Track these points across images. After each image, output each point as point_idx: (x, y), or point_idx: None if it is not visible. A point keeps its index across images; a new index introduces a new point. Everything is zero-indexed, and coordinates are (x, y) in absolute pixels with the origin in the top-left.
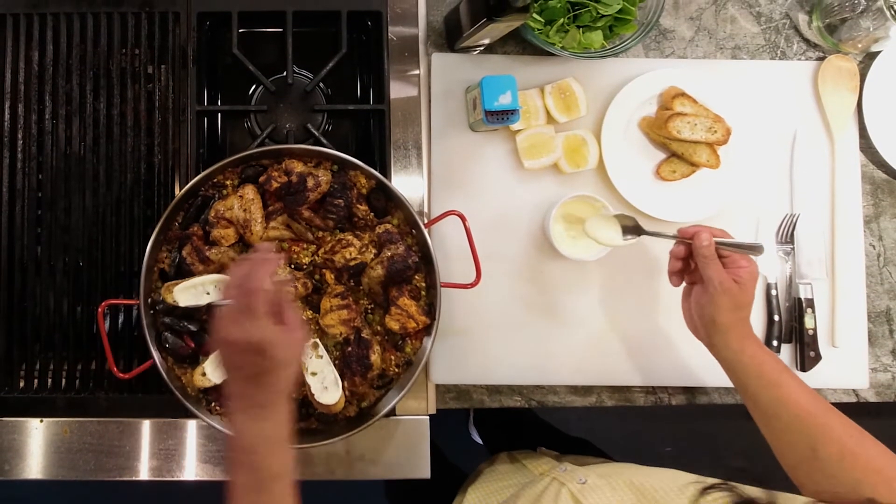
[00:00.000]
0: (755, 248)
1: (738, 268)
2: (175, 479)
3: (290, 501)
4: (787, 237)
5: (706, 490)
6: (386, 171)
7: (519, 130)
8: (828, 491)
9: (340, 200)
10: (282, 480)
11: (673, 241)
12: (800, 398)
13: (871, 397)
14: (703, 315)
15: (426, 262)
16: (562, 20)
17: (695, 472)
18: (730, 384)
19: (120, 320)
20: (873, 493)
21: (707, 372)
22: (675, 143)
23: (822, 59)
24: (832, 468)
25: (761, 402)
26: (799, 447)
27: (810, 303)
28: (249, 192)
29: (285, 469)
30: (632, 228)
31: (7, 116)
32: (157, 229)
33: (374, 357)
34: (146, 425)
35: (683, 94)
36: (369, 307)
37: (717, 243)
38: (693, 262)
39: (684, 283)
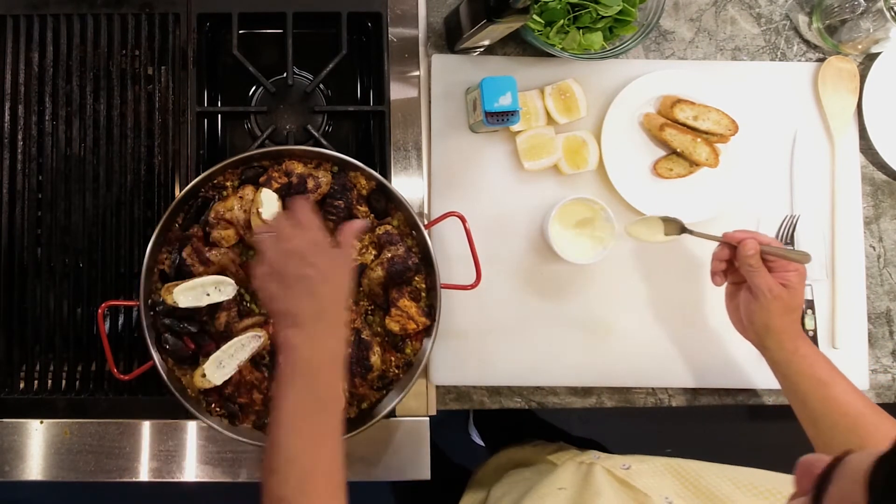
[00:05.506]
0: (802, 257)
1: (787, 271)
2: (175, 480)
3: (340, 425)
4: (788, 238)
5: None
6: (386, 173)
7: (519, 132)
8: None
9: (341, 202)
10: (338, 403)
11: (716, 243)
12: (849, 398)
13: (872, 398)
14: (753, 321)
15: (426, 263)
16: (562, 21)
17: None
18: (729, 385)
19: (120, 321)
20: None
21: (707, 373)
22: (677, 140)
23: (822, 60)
24: None
25: (810, 401)
26: (849, 446)
27: (810, 304)
28: (249, 192)
29: (340, 391)
30: (677, 228)
31: (7, 118)
32: (157, 230)
33: (374, 358)
34: (146, 426)
35: (681, 101)
36: (369, 308)
37: (763, 251)
38: (737, 262)
39: (726, 283)
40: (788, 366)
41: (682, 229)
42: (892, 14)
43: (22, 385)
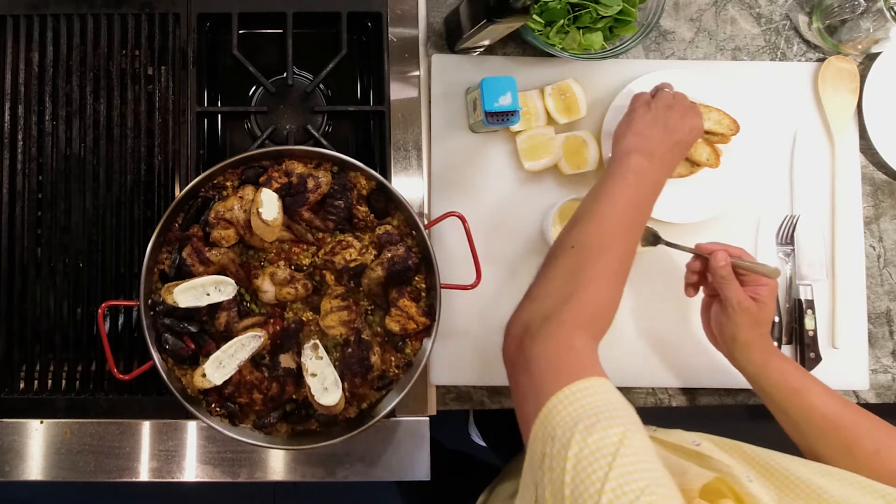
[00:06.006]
0: (771, 272)
1: (758, 285)
2: (175, 480)
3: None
4: (788, 238)
5: None
6: (386, 173)
7: (519, 132)
8: None
9: (341, 202)
10: (646, 215)
11: (690, 254)
12: (826, 402)
13: (872, 398)
14: (722, 332)
15: (426, 263)
16: (562, 21)
17: None
18: (729, 385)
19: (120, 321)
20: None
21: (707, 373)
22: None
23: (822, 60)
24: (871, 463)
25: (790, 411)
26: (834, 450)
27: (810, 304)
28: (249, 192)
29: (651, 207)
30: (651, 238)
31: (7, 118)
32: (157, 230)
33: (375, 358)
34: (146, 426)
35: None
36: (369, 308)
37: (734, 264)
38: (709, 274)
39: (702, 294)
40: (761, 378)
41: (657, 239)
42: (892, 14)
43: (22, 385)
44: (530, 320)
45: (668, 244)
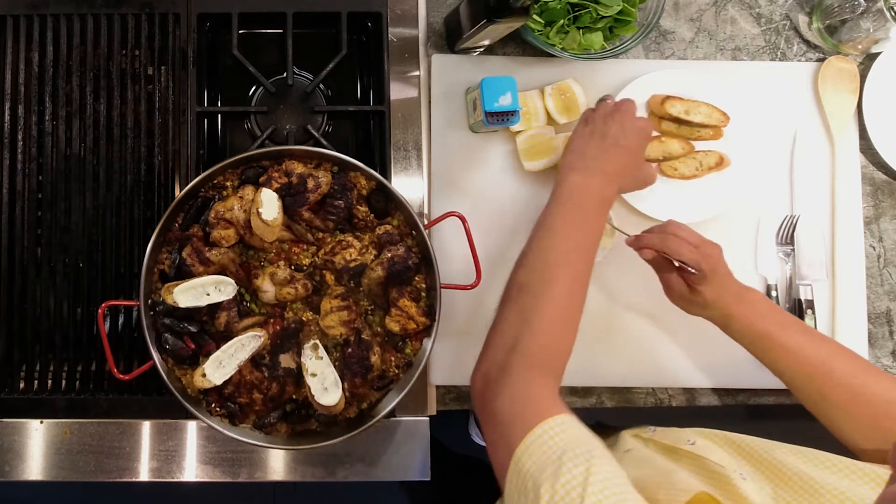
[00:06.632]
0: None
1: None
2: (175, 480)
3: (593, 245)
4: (787, 238)
5: None
6: (386, 173)
7: (519, 132)
8: (868, 448)
9: (341, 202)
10: (596, 234)
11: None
12: (802, 348)
13: None
14: (692, 305)
15: (426, 263)
16: (562, 21)
17: None
18: (729, 385)
19: (120, 321)
20: (893, 424)
21: (707, 373)
22: (678, 126)
23: (822, 60)
24: (848, 412)
25: (766, 360)
26: (811, 397)
27: (810, 304)
28: (249, 192)
29: (601, 224)
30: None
31: (7, 118)
32: (157, 230)
33: (375, 358)
34: (146, 426)
35: (670, 97)
36: (369, 308)
37: (644, 243)
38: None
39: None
40: (744, 333)
41: (612, 228)
42: (892, 14)
43: (22, 385)
44: (488, 372)
45: (619, 230)
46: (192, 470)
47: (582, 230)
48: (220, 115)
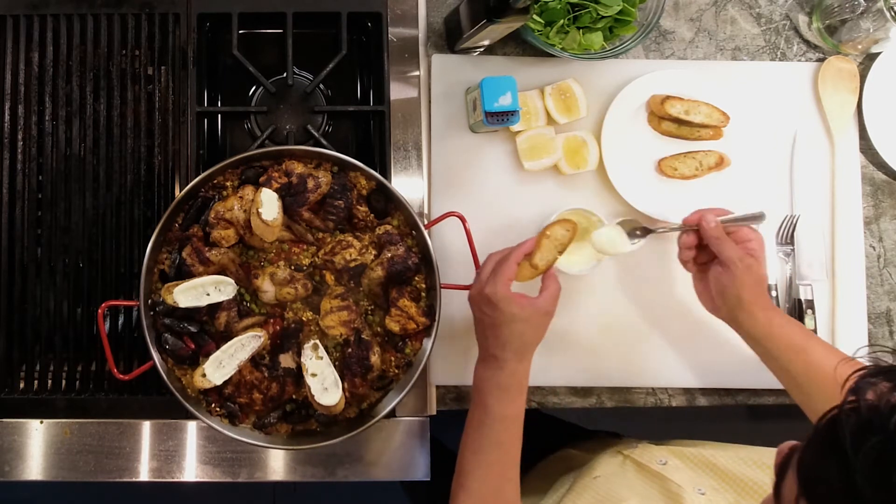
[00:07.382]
0: (757, 218)
1: (748, 241)
2: (175, 480)
3: (508, 438)
4: (787, 238)
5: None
6: (386, 173)
7: (519, 132)
8: None
9: (340, 202)
10: (505, 422)
11: (679, 232)
12: (828, 359)
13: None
14: (726, 295)
15: (426, 263)
16: (562, 21)
17: None
18: (729, 385)
19: (120, 321)
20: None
21: (707, 373)
22: (678, 126)
23: (822, 60)
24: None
25: (792, 370)
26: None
27: (810, 304)
28: (249, 192)
29: (509, 413)
30: (638, 231)
31: (7, 118)
32: (157, 230)
33: (375, 358)
34: (146, 426)
35: (670, 97)
36: (369, 308)
37: (722, 221)
38: (702, 246)
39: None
40: (765, 338)
41: (647, 231)
42: (892, 14)
43: (22, 385)
44: None
45: (657, 230)
46: (191, 470)
47: (485, 425)
48: (220, 115)
